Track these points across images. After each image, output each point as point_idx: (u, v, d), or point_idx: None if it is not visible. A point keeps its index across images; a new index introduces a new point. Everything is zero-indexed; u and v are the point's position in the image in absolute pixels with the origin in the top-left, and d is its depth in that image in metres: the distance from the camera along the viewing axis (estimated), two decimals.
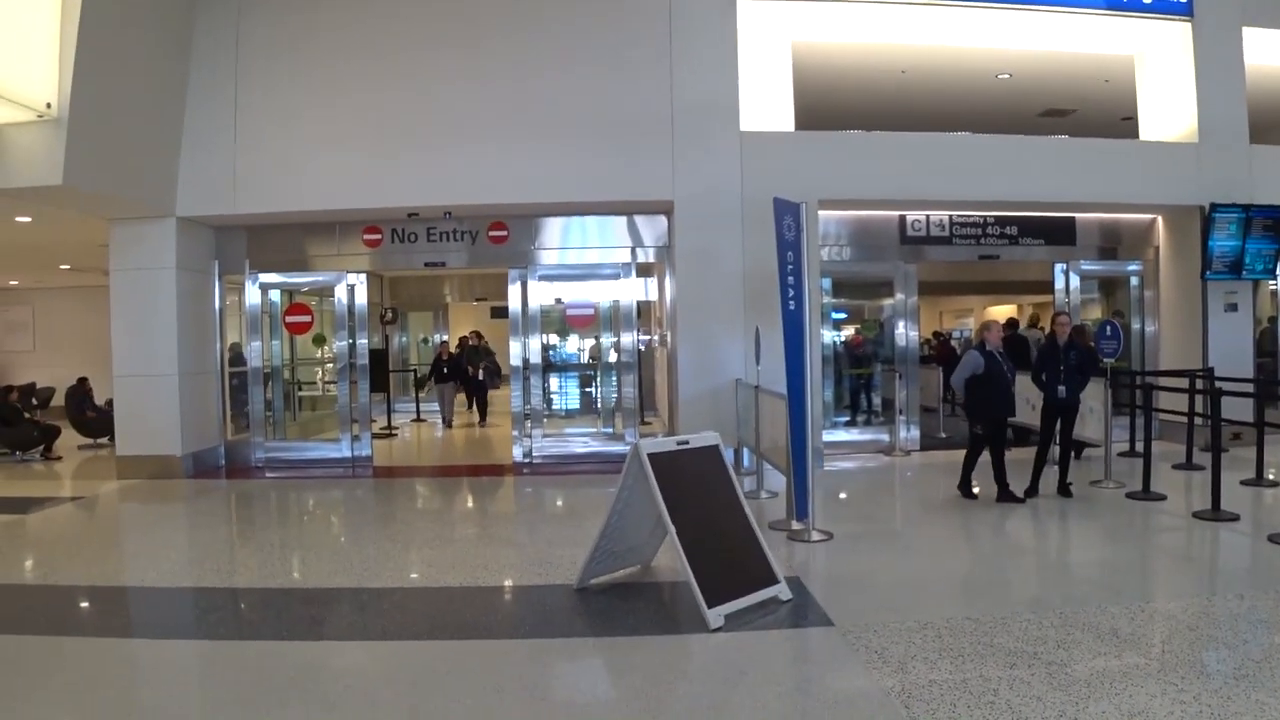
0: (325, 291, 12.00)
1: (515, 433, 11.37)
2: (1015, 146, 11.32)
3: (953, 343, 19.53)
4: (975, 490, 8.32)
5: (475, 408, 17.06)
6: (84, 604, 5.94)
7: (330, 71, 10.73)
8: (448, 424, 16.16)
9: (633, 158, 10.46)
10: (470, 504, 9.65)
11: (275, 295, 12.12)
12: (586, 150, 10.47)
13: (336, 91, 10.70)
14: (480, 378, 16.74)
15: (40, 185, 8.88)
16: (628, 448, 11.39)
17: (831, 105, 13.58)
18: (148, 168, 10.26)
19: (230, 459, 11.79)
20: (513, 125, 10.50)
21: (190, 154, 10.75)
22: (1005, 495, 8.11)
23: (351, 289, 11.64)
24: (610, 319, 11.62)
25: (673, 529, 4.96)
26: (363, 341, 11.78)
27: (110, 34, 9.17)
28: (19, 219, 11.11)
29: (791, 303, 6.60)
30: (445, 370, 16.17)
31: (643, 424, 11.49)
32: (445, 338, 19.84)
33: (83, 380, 14.83)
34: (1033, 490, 8.33)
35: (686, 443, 5.40)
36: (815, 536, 6.72)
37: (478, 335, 17.87)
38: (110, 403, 11.54)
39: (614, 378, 11.72)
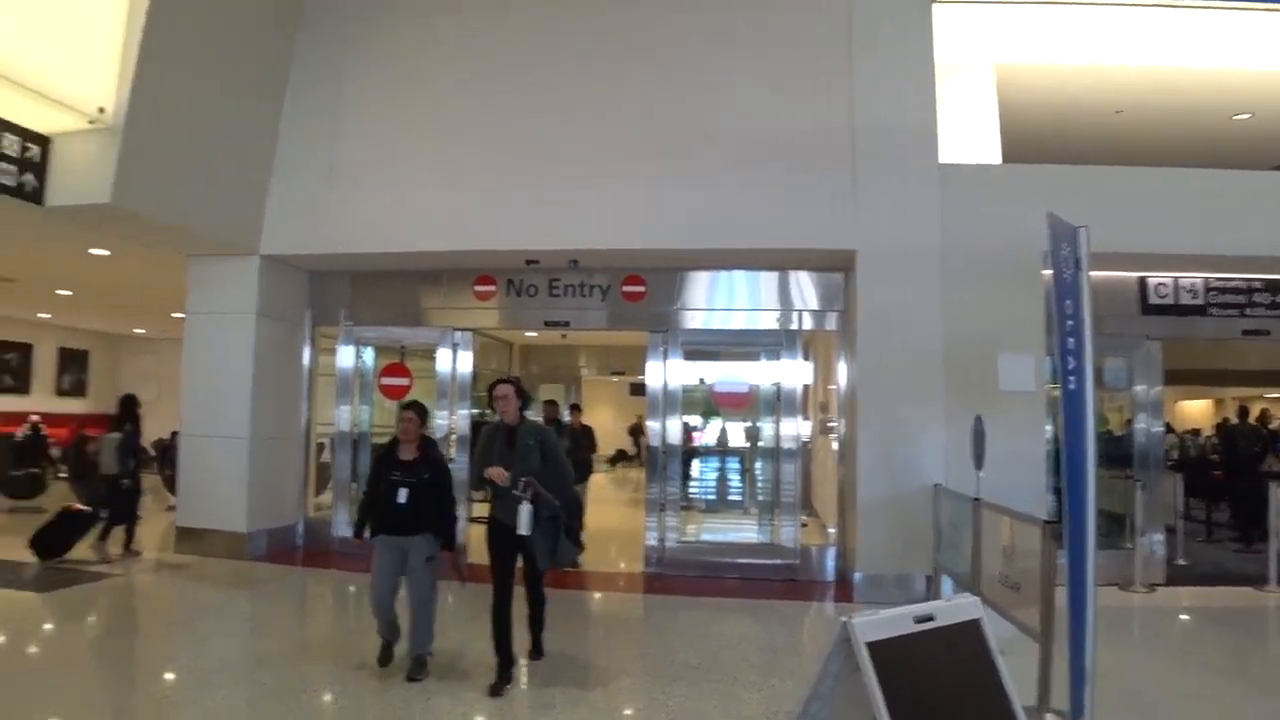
0: (428, 351, 10.25)
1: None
2: None
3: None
4: None
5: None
6: None
7: (441, 94, 9.16)
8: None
9: (805, 196, 8.34)
10: (586, 628, 7.45)
11: (370, 352, 10.45)
12: (746, 187, 8.42)
13: (447, 116, 9.12)
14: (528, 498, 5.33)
15: (87, 203, 7.41)
16: (785, 562, 9.17)
17: (1035, 149, 11.29)
18: (225, 194, 8.76)
19: (311, 539, 10.09)
20: (653, 156, 8.61)
21: (281, 184, 9.26)
22: None
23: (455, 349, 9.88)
24: (768, 399, 9.43)
25: None
26: (462, 411, 9.90)
27: (184, 33, 7.78)
28: (93, 251, 9.83)
29: (1072, 379, 4.23)
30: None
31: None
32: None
33: (175, 434, 13.60)
34: None
35: (930, 619, 3.14)
36: None
37: (516, 387, 5.73)
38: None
39: (770, 471, 9.45)
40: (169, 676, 5.68)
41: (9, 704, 4.89)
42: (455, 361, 9.91)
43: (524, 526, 5.21)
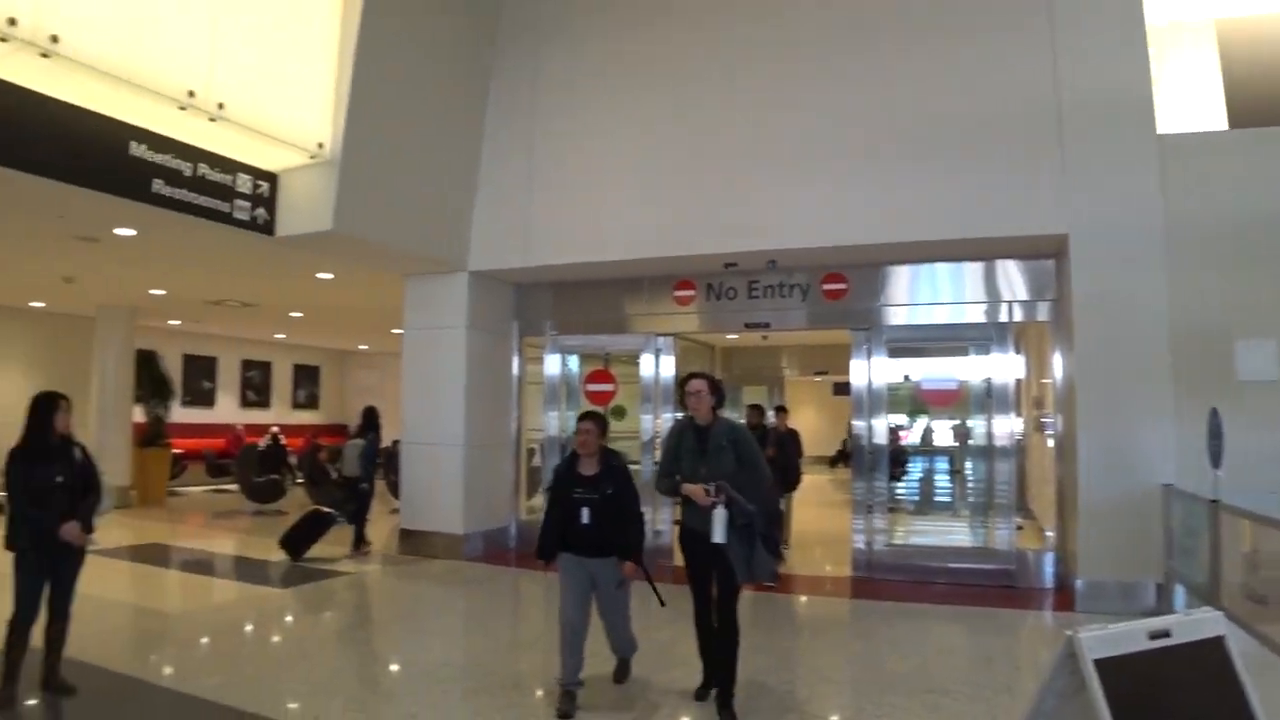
0: (632, 357, 10.45)
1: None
2: None
3: None
4: None
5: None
6: None
7: (634, 105, 9.34)
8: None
9: (1009, 180, 7.89)
10: (793, 632, 7.36)
11: (575, 360, 10.83)
12: (945, 175, 8.06)
13: (641, 127, 9.26)
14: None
15: (312, 232, 8.11)
16: (1000, 567, 8.48)
17: (1267, 111, 10.21)
18: (434, 215, 9.33)
19: (523, 540, 10.52)
20: (848, 152, 8.43)
21: (484, 202, 9.74)
22: None
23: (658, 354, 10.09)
24: (978, 395, 9.01)
25: None
26: (666, 415, 10.01)
27: (390, 71, 8.39)
28: (320, 275, 10.66)
29: None
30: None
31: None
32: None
33: (397, 443, 14.54)
34: None
35: (1166, 634, 2.92)
36: None
37: (710, 382, 5.15)
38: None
39: (981, 470, 9.03)
40: (394, 668, 6.10)
41: (256, 686, 5.38)
42: (658, 366, 10.12)
43: (719, 534, 4.71)
